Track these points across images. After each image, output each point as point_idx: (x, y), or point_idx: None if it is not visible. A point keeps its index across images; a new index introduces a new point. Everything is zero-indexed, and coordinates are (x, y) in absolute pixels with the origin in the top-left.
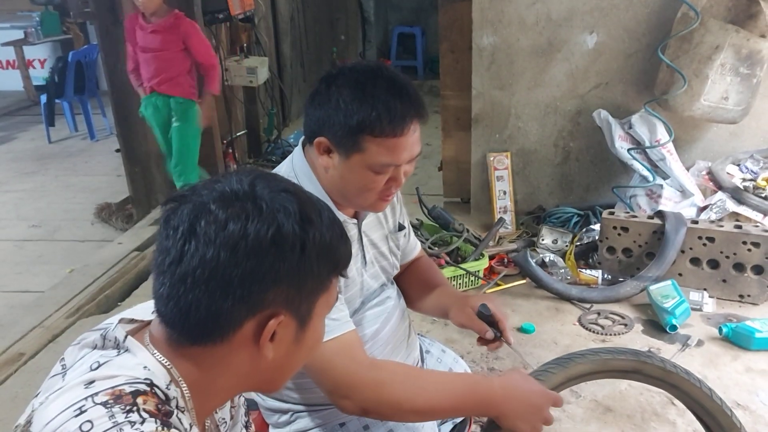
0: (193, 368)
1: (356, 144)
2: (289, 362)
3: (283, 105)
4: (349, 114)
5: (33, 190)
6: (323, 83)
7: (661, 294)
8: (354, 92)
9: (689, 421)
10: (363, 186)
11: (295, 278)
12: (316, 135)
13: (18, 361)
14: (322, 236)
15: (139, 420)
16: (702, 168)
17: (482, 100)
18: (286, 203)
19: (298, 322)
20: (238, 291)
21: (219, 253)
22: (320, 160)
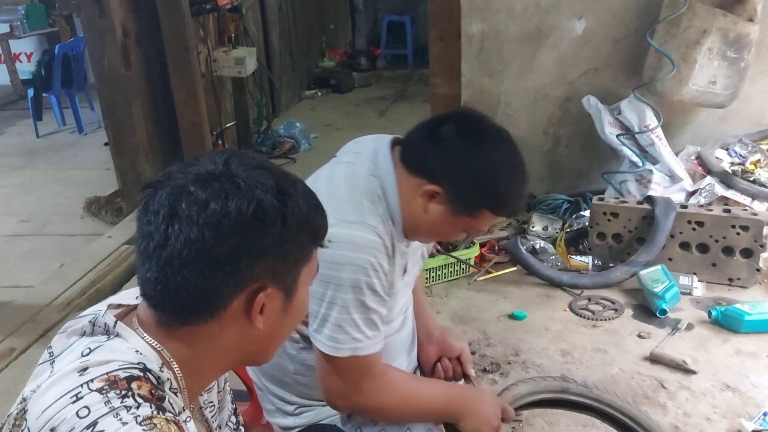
0: (184, 348)
1: (472, 211)
2: (278, 332)
3: (273, 95)
4: (489, 190)
5: (21, 185)
6: (466, 137)
7: (651, 279)
8: (505, 169)
9: (679, 404)
10: (445, 235)
11: (280, 251)
12: (432, 179)
13: (9, 356)
14: (300, 208)
15: (134, 404)
16: (691, 153)
17: (472, 88)
18: (262, 179)
19: (285, 294)
20: (226, 268)
21: (203, 233)
22: (419, 200)
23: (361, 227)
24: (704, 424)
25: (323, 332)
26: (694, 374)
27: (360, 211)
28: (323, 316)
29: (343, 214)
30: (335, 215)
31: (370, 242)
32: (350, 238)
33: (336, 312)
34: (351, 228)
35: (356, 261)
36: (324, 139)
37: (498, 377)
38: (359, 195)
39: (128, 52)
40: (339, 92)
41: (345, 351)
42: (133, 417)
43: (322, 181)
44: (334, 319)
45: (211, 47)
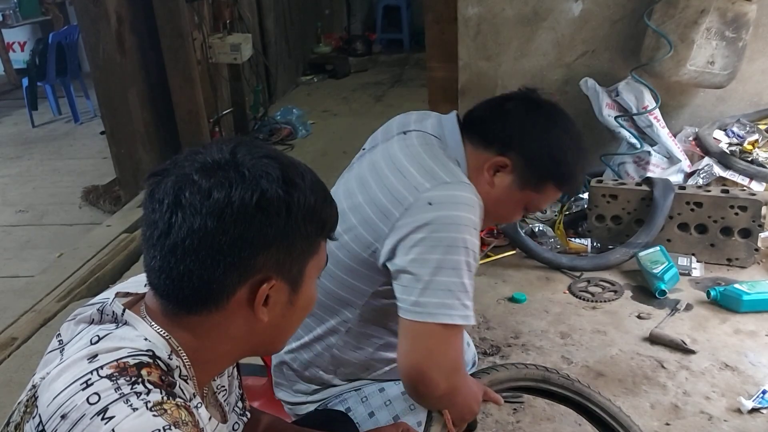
0: (191, 337)
1: (539, 184)
2: (285, 324)
3: (269, 82)
4: (558, 162)
5: (18, 175)
6: (533, 111)
7: (650, 260)
8: (573, 144)
9: (679, 383)
10: (507, 214)
11: (284, 242)
12: (500, 150)
13: (11, 345)
14: (306, 199)
15: (144, 391)
16: (689, 134)
17: (469, 71)
18: (268, 168)
19: (290, 285)
20: (228, 258)
21: (206, 222)
22: (485, 175)
23: (460, 186)
24: (704, 403)
25: (430, 301)
26: (693, 354)
27: (453, 172)
28: (427, 283)
29: (437, 176)
30: (429, 180)
31: (471, 201)
32: (453, 198)
33: (445, 276)
34: (451, 188)
35: (462, 220)
36: (321, 124)
37: (498, 360)
38: (445, 159)
39: (123, 39)
40: (335, 78)
41: (457, 318)
42: (143, 403)
43: (381, 161)
44: (444, 283)
45: (207, 33)
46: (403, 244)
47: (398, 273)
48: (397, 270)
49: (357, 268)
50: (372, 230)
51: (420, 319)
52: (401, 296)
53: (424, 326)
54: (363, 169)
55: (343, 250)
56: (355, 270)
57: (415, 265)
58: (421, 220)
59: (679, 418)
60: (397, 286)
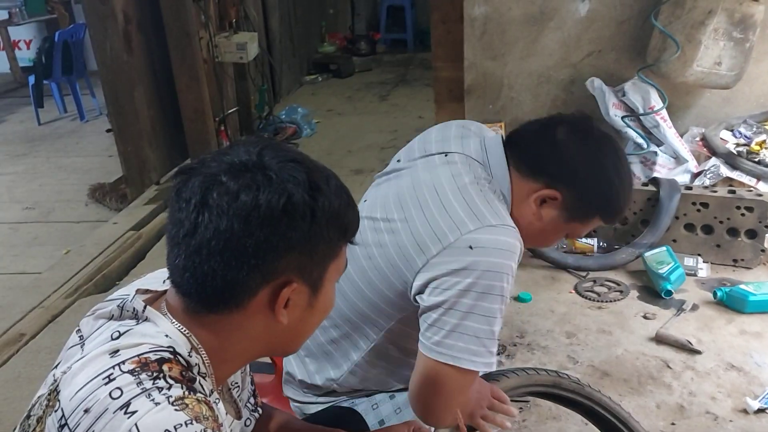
0: (211, 336)
1: (586, 217)
2: (304, 326)
3: (274, 81)
4: (609, 198)
5: (25, 173)
6: (584, 141)
7: (656, 260)
8: (623, 178)
9: (684, 384)
10: (547, 241)
11: (307, 245)
12: (550, 183)
13: (19, 341)
14: (330, 203)
15: (166, 386)
16: (696, 134)
17: (475, 71)
18: (294, 172)
19: (311, 289)
20: (252, 260)
21: (233, 224)
22: (530, 204)
23: (505, 231)
24: (709, 403)
25: (455, 344)
26: (699, 354)
27: (498, 213)
28: (455, 326)
29: (482, 217)
30: (473, 220)
31: (513, 247)
32: (496, 243)
33: (475, 322)
34: (495, 232)
35: (502, 268)
36: (326, 124)
37: (504, 359)
38: (491, 195)
39: (130, 37)
40: (339, 77)
41: (480, 365)
42: (165, 397)
43: (424, 186)
44: (473, 329)
45: (213, 32)
46: (436, 284)
47: (427, 309)
48: (427, 307)
49: (387, 294)
50: (405, 259)
51: (441, 360)
52: (425, 333)
53: (444, 367)
54: (403, 187)
55: (375, 271)
56: (384, 295)
57: (446, 306)
58: (460, 264)
59: (685, 418)
60: (423, 322)
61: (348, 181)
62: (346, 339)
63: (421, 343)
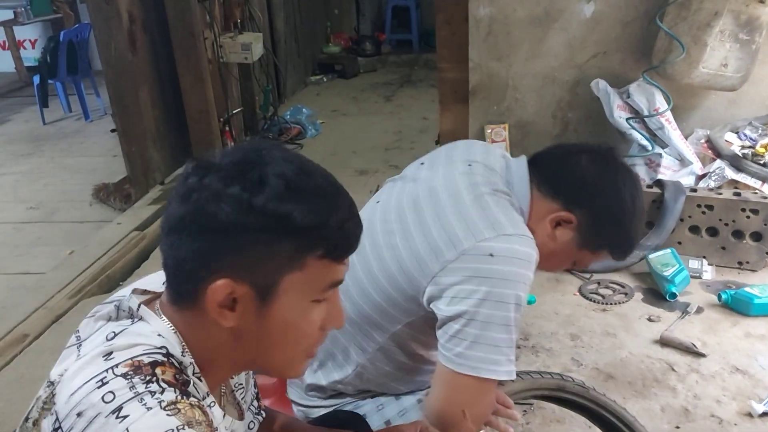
0: (191, 333)
1: (596, 247)
2: (268, 338)
3: (278, 81)
4: (622, 231)
5: (29, 172)
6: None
7: (661, 262)
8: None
9: (689, 387)
10: (554, 266)
11: (237, 246)
12: (567, 206)
13: (22, 342)
14: (277, 208)
15: (159, 390)
16: (701, 136)
17: (479, 72)
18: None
19: (257, 294)
20: (192, 254)
21: (184, 217)
22: (545, 225)
23: (522, 240)
24: (714, 407)
25: (476, 354)
26: (703, 357)
27: (516, 222)
28: (476, 337)
29: (500, 226)
30: (490, 229)
31: (530, 256)
32: (514, 252)
33: (494, 332)
34: (513, 241)
35: (519, 277)
36: (330, 124)
37: None
38: (509, 206)
39: (135, 38)
40: (344, 78)
41: (502, 374)
42: (157, 402)
43: (442, 191)
44: (492, 339)
45: (218, 33)
46: (455, 291)
47: (446, 320)
48: (446, 317)
49: (396, 297)
50: (418, 264)
51: (462, 371)
52: (446, 344)
53: (465, 378)
54: (419, 191)
55: (384, 274)
56: (393, 299)
57: (467, 317)
58: (477, 272)
59: (690, 421)
60: (443, 334)
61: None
62: (351, 341)
63: (441, 355)
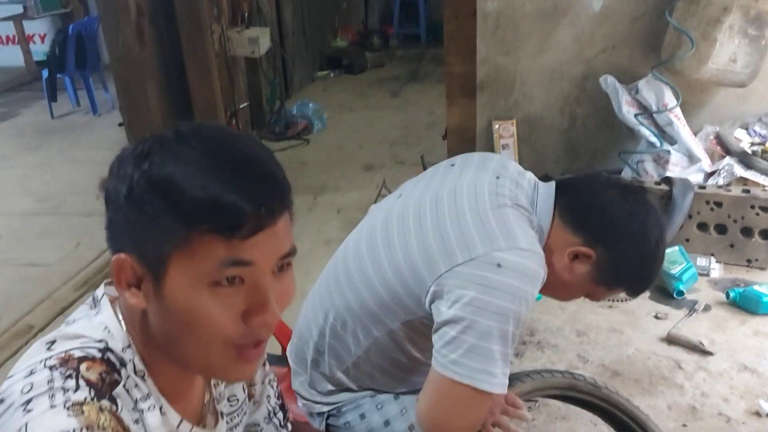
0: (133, 325)
1: (612, 284)
2: (174, 327)
3: (286, 75)
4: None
5: (37, 165)
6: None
7: (669, 260)
8: (658, 259)
9: (696, 385)
10: (566, 295)
11: (130, 219)
12: (588, 242)
13: (28, 333)
14: (158, 175)
15: (73, 387)
16: (710, 132)
17: (487, 67)
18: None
19: (151, 272)
20: (108, 234)
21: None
22: (563, 256)
23: (533, 257)
24: (722, 405)
25: (472, 364)
26: (711, 355)
27: (530, 239)
28: (473, 346)
29: (515, 238)
30: (506, 239)
31: (538, 275)
32: (523, 268)
33: (493, 344)
34: (524, 256)
35: (524, 293)
36: (337, 119)
37: (513, 358)
38: (527, 223)
39: (142, 30)
40: (351, 73)
41: (497, 387)
42: (63, 400)
43: (465, 194)
44: (490, 351)
45: (225, 26)
46: (456, 294)
47: (443, 323)
48: (443, 320)
49: (399, 293)
50: (428, 262)
51: (457, 379)
52: (441, 350)
53: (458, 387)
54: (443, 191)
55: (394, 268)
56: (397, 294)
57: (465, 324)
58: (484, 280)
59: (697, 419)
60: (438, 338)
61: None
62: (350, 333)
63: (435, 361)
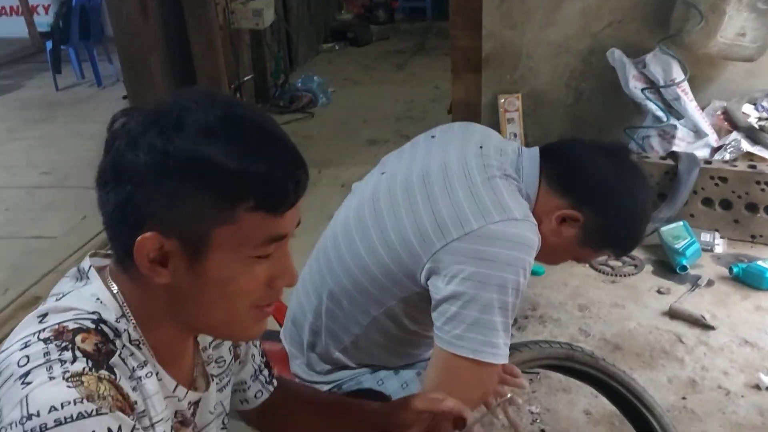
0: (133, 294)
1: (599, 245)
2: (205, 297)
3: (290, 49)
4: (628, 235)
5: (42, 138)
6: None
7: (672, 235)
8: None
9: (697, 358)
10: (554, 260)
11: (159, 196)
12: (575, 204)
13: (35, 304)
14: (194, 152)
15: (70, 359)
16: (717, 107)
17: (493, 40)
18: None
19: (187, 249)
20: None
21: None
22: (550, 220)
23: (527, 226)
24: (722, 378)
25: (476, 337)
26: (712, 330)
27: (523, 209)
28: (475, 320)
29: (508, 210)
30: (499, 212)
31: (533, 243)
32: (519, 237)
33: (495, 315)
34: (519, 226)
35: (521, 263)
36: (341, 93)
37: (515, 331)
38: (516, 193)
39: (146, 3)
40: (356, 45)
41: (501, 358)
42: (62, 372)
43: (455, 169)
44: (492, 323)
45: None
46: (453, 270)
47: (443, 300)
48: (442, 297)
49: (394, 271)
50: (422, 239)
51: (462, 354)
52: (444, 327)
53: (464, 361)
54: (431, 166)
55: (385, 246)
56: (391, 272)
57: (466, 299)
58: (481, 254)
59: (697, 392)
60: (439, 316)
61: (362, 151)
62: (347, 313)
63: (438, 338)
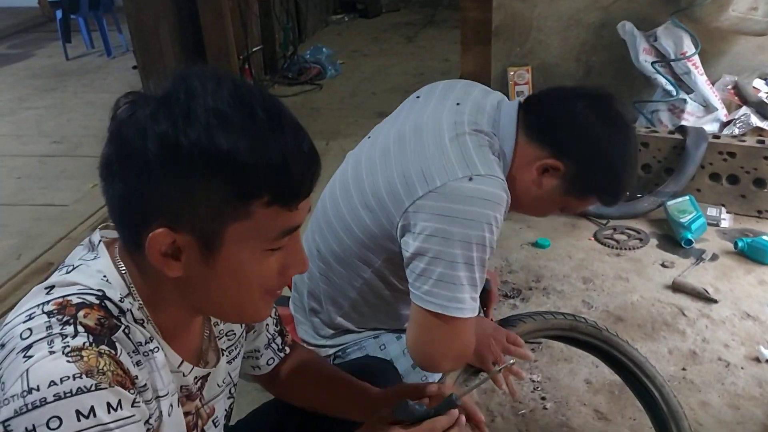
0: (141, 276)
1: (582, 194)
2: (218, 287)
3: (299, 20)
4: (611, 182)
5: (53, 107)
6: (601, 119)
7: (678, 209)
8: (630, 165)
9: (698, 331)
10: (540, 211)
11: (178, 192)
12: (555, 153)
13: (47, 270)
14: (211, 147)
15: (71, 333)
16: (728, 82)
17: (503, 12)
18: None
19: (202, 244)
20: (131, 197)
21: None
22: (531, 170)
23: (491, 182)
24: (722, 351)
25: (442, 293)
26: (715, 303)
27: (488, 163)
28: (441, 275)
29: (473, 166)
30: (463, 168)
31: (499, 198)
32: (482, 193)
33: (461, 271)
34: (482, 182)
35: (486, 218)
36: (350, 65)
37: (519, 302)
38: (486, 149)
39: None
40: (366, 17)
41: (468, 312)
42: (62, 347)
43: (429, 126)
44: (458, 278)
45: None
46: (419, 227)
47: (414, 257)
48: (413, 254)
49: (374, 231)
50: (394, 198)
51: (432, 309)
52: (415, 283)
53: (434, 317)
54: (407, 126)
55: (365, 208)
56: (371, 232)
57: (432, 255)
58: (444, 210)
59: (696, 364)
60: (410, 272)
61: (370, 123)
62: (343, 278)
63: (412, 294)
